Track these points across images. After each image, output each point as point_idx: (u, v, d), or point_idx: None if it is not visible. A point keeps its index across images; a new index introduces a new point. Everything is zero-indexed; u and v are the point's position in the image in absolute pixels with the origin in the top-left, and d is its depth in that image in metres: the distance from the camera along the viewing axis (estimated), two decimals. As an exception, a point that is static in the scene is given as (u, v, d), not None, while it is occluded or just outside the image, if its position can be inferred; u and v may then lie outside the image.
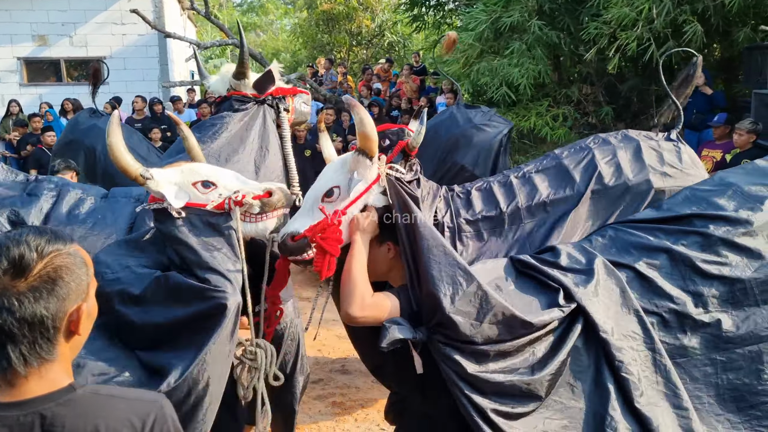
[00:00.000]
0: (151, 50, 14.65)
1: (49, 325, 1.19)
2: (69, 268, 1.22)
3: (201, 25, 25.26)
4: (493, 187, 4.03)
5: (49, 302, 1.18)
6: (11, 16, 14.17)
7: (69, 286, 1.21)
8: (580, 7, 9.07)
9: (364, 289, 2.11)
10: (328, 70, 13.97)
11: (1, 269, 1.16)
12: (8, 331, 1.16)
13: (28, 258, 1.17)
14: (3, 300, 1.15)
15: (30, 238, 1.20)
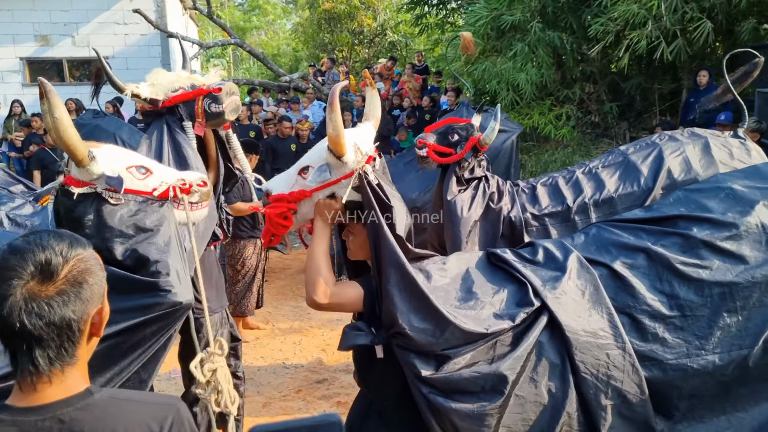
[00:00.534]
0: (153, 50, 14.63)
1: (76, 329, 1.20)
2: (92, 271, 1.24)
3: (203, 25, 25.26)
4: (559, 183, 4.11)
5: (76, 305, 1.19)
6: (13, 16, 14.17)
7: (92, 289, 1.23)
8: (583, 6, 9.06)
9: (327, 276, 2.11)
10: (330, 70, 13.96)
11: (28, 274, 1.17)
12: (37, 335, 1.16)
13: (55, 262, 1.18)
14: (33, 305, 1.15)
15: (53, 243, 1.21)
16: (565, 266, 2.23)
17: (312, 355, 5.30)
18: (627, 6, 7.71)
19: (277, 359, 5.22)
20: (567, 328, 2.07)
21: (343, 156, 2.18)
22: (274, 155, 8.66)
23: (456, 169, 3.87)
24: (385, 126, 10.22)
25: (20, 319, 1.15)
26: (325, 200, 2.23)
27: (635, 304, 2.16)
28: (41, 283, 1.17)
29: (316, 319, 6.14)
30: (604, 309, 2.14)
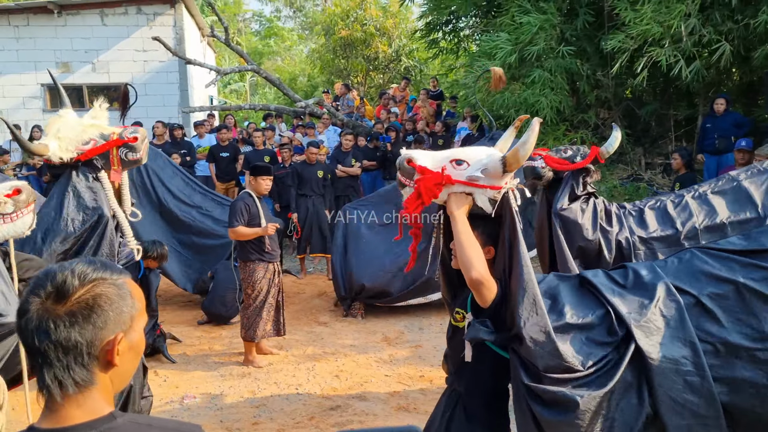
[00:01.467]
0: (171, 76, 14.87)
1: (83, 352, 1.20)
2: (109, 297, 1.23)
3: (220, 51, 25.65)
4: (668, 207, 4.13)
5: (84, 328, 1.19)
6: (36, 44, 14.50)
7: (107, 315, 1.22)
8: (599, 33, 9.09)
9: (482, 256, 2.25)
10: (344, 95, 14.09)
11: (45, 292, 1.20)
12: (44, 353, 1.19)
13: (70, 283, 1.20)
14: (42, 322, 1.18)
15: (77, 266, 1.23)
16: (653, 294, 2.29)
17: (325, 382, 5.26)
18: (646, 24, 7.72)
19: (291, 385, 5.18)
20: (649, 356, 2.16)
21: (512, 173, 2.36)
22: (300, 180, 8.66)
23: (573, 180, 4.03)
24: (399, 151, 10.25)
25: (32, 335, 1.18)
26: (462, 194, 2.36)
27: (718, 335, 2.21)
28: (54, 303, 1.19)
29: (330, 345, 6.11)
30: (687, 338, 2.21)
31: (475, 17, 11.98)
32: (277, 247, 5.91)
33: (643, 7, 7.75)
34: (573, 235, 3.94)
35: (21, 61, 14.47)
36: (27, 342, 1.20)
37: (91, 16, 14.63)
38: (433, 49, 13.24)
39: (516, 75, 9.18)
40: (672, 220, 4.02)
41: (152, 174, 7.46)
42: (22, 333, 1.20)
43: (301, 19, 32.48)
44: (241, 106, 15.08)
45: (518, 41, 8.71)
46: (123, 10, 14.71)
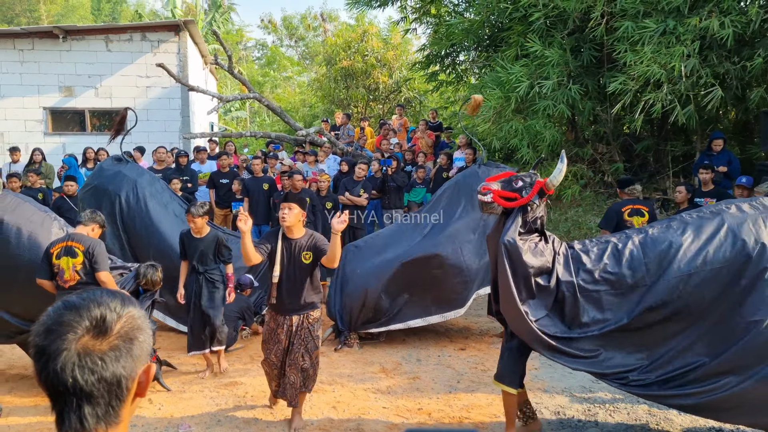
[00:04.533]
0: (173, 102, 14.99)
1: (124, 386, 1.18)
2: (142, 328, 1.24)
3: (221, 79, 25.88)
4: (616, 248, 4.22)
5: (127, 361, 1.18)
6: (40, 68, 14.63)
7: (142, 346, 1.22)
8: (602, 69, 9.22)
9: None
10: (345, 125, 14.20)
11: (83, 329, 1.16)
12: (88, 391, 1.15)
13: (110, 318, 1.18)
14: (86, 360, 1.14)
15: (107, 299, 1.21)
16: None
17: (322, 413, 5.22)
18: (648, 66, 7.82)
19: (287, 415, 5.14)
20: None
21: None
22: None
23: (522, 212, 4.14)
24: (401, 180, 10.31)
25: (73, 374, 1.13)
26: None
27: None
28: (95, 338, 1.16)
29: (327, 375, 6.06)
30: None
31: (476, 51, 12.15)
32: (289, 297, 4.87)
33: (642, 48, 7.87)
34: (517, 266, 4.07)
35: (24, 85, 14.58)
36: (64, 383, 1.13)
37: (95, 42, 14.79)
38: (433, 83, 13.40)
39: (520, 108, 9.28)
40: (619, 262, 4.12)
41: (149, 198, 7.46)
42: (58, 374, 1.13)
43: (302, 49, 32.88)
44: (242, 133, 15.19)
45: (533, 74, 8.81)
46: (128, 36, 14.89)
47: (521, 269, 4.06)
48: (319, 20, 30.75)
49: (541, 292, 4.12)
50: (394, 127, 13.71)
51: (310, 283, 4.80)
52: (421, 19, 12.79)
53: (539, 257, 4.10)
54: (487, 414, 5.15)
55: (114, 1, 42.01)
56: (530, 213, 4.13)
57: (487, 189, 4.14)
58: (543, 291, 4.12)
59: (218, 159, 10.55)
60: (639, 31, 8.00)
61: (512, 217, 4.13)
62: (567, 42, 9.03)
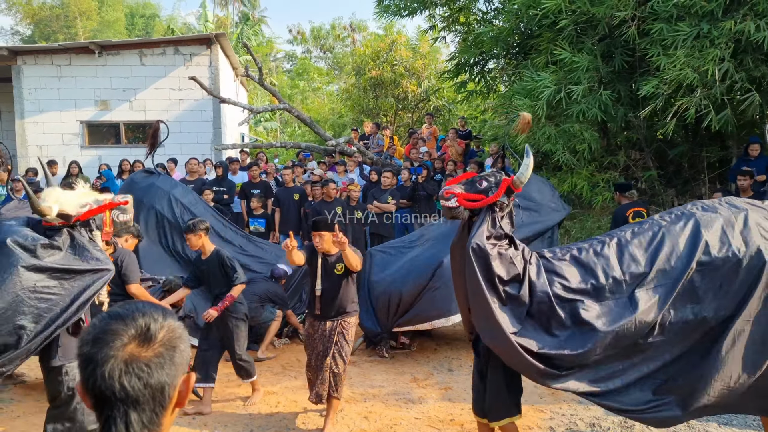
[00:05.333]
0: (205, 114, 15.22)
1: (167, 394, 1.22)
2: (183, 338, 1.28)
3: (252, 90, 26.21)
4: (589, 255, 3.90)
5: (171, 369, 1.22)
6: (77, 83, 14.99)
7: (183, 355, 1.26)
8: (635, 74, 9.10)
9: None
10: (375, 134, 14.25)
11: (128, 336, 1.20)
12: (135, 398, 1.18)
13: (154, 327, 1.23)
14: (133, 366, 1.18)
15: (150, 310, 1.26)
16: None
17: (354, 423, 5.22)
18: (681, 69, 7.69)
19: (319, 426, 5.14)
20: None
21: None
22: None
23: (491, 213, 3.80)
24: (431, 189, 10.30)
25: (120, 381, 1.17)
26: None
27: None
28: (141, 346, 1.20)
29: (358, 386, 6.06)
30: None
31: (505, 58, 12.10)
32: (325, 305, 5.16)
33: (676, 52, 7.74)
34: (489, 270, 3.71)
35: (62, 99, 14.95)
36: (111, 390, 1.17)
37: (130, 56, 15.11)
38: (463, 93, 13.36)
39: (551, 114, 9.19)
40: (593, 269, 3.81)
41: (184, 209, 7.58)
42: (105, 380, 1.17)
43: (330, 60, 33.14)
44: (273, 143, 15.35)
45: (562, 80, 8.72)
46: (161, 50, 15.18)
47: (490, 276, 3.69)
48: (348, 31, 30.99)
49: (512, 301, 3.72)
50: (424, 136, 13.71)
51: (346, 291, 5.09)
52: (449, 27, 12.79)
53: (508, 264, 3.74)
54: (520, 425, 5.09)
55: (147, 17, 42.93)
56: (499, 213, 3.80)
57: (450, 193, 3.82)
58: (514, 301, 3.72)
59: (249, 170, 10.66)
60: (672, 35, 7.88)
61: (479, 219, 3.79)
62: (598, 48, 8.94)
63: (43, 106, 14.90)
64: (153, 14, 43.37)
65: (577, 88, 8.53)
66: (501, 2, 11.96)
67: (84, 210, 3.85)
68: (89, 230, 3.88)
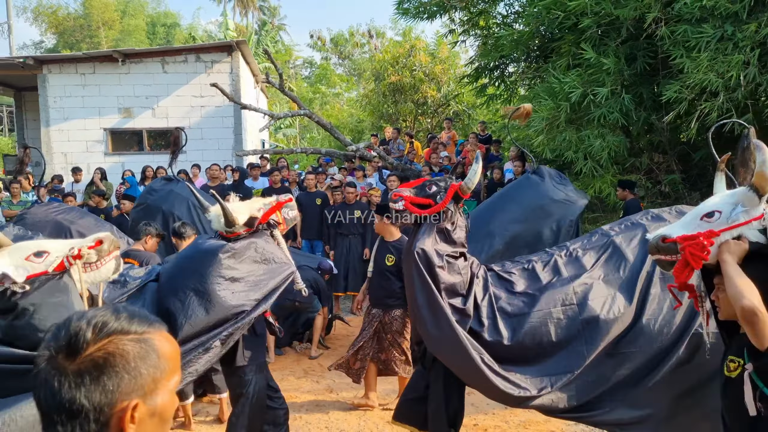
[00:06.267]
0: (226, 121, 15.35)
1: (91, 418, 1.02)
2: (124, 356, 1.05)
3: (271, 97, 26.39)
4: (536, 267, 3.79)
5: (92, 391, 1.02)
6: (100, 91, 15.21)
7: (120, 377, 1.04)
8: (658, 76, 9.00)
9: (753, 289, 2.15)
10: (395, 139, 14.26)
11: (58, 346, 1.05)
12: (49, 415, 1.04)
13: (82, 337, 1.04)
14: (47, 379, 1.03)
15: (97, 315, 1.07)
16: None
17: (377, 426, 5.21)
18: (704, 74, 7.59)
19: (343, 430, 5.14)
20: None
21: (765, 195, 2.35)
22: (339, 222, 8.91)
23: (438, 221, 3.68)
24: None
25: (38, 392, 1.04)
26: (733, 241, 2.36)
27: None
28: (65, 358, 1.04)
29: (380, 389, 6.05)
30: None
31: (525, 62, 12.06)
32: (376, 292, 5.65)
33: (699, 55, 7.64)
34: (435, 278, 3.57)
35: (86, 107, 15.18)
36: (37, 400, 1.05)
37: (153, 64, 15.30)
38: (483, 98, 13.33)
39: (572, 118, 9.12)
40: (541, 282, 3.69)
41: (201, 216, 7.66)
42: (35, 389, 1.05)
43: (349, 66, 33.30)
44: (293, 149, 15.45)
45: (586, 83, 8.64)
46: (183, 58, 15.36)
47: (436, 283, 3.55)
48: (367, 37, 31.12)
49: (456, 314, 3.57)
50: (443, 141, 13.70)
51: (390, 285, 5.43)
52: (469, 31, 12.78)
53: (455, 275, 3.62)
54: (545, 431, 5.04)
55: (168, 25, 43.51)
56: (445, 221, 3.67)
57: (398, 195, 3.74)
58: (458, 313, 3.57)
59: (270, 175, 10.72)
60: (695, 36, 7.78)
61: (425, 225, 3.69)
62: (621, 50, 8.86)
63: (67, 113, 15.14)
64: (174, 23, 43.95)
65: (601, 91, 8.46)
66: (521, 5, 11.92)
67: (261, 214, 3.94)
68: (270, 232, 3.95)
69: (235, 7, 40.47)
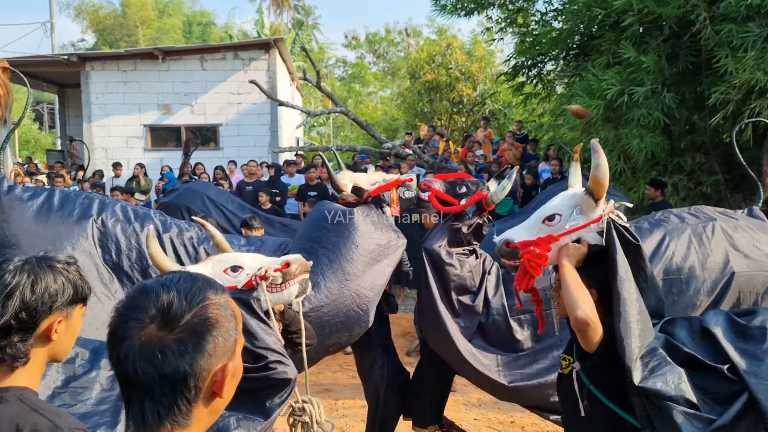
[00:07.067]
0: (263, 118, 15.51)
1: (192, 385, 1.06)
2: (218, 320, 1.09)
3: (306, 95, 26.58)
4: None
5: (194, 358, 1.05)
6: (141, 88, 15.50)
7: (216, 341, 1.08)
8: (701, 76, 8.82)
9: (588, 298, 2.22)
10: (431, 138, 14.23)
11: (148, 316, 1.06)
12: (148, 386, 1.04)
13: (177, 307, 1.07)
14: (146, 351, 1.04)
15: (181, 284, 1.10)
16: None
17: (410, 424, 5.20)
18: (751, 73, 7.40)
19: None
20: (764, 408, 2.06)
21: (601, 198, 2.40)
22: None
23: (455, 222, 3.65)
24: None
25: (134, 365, 1.04)
26: (572, 244, 2.41)
27: None
28: (160, 329, 1.05)
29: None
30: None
31: (564, 60, 11.92)
32: None
33: (745, 55, 7.46)
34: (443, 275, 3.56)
35: (127, 104, 15.48)
36: (126, 373, 1.05)
37: (192, 61, 15.54)
38: (520, 97, 13.21)
39: (611, 117, 8.98)
40: None
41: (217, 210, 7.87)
42: (121, 363, 1.06)
43: (383, 65, 33.34)
44: (329, 146, 15.52)
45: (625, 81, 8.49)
46: (221, 55, 15.56)
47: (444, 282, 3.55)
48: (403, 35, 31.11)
49: (466, 311, 3.56)
50: (479, 139, 13.63)
51: None
52: (506, 29, 12.67)
53: (465, 272, 3.60)
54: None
55: (204, 24, 44.12)
56: (461, 225, 3.63)
57: (427, 185, 3.78)
58: (467, 311, 3.56)
59: (306, 172, 10.81)
60: (740, 36, 7.60)
61: (442, 225, 3.67)
62: (663, 48, 8.69)
63: (109, 110, 15.46)
64: (209, 22, 44.55)
65: (639, 90, 8.31)
66: (561, 3, 11.78)
67: (374, 187, 3.93)
68: (380, 207, 3.90)
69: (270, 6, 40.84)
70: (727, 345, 2.19)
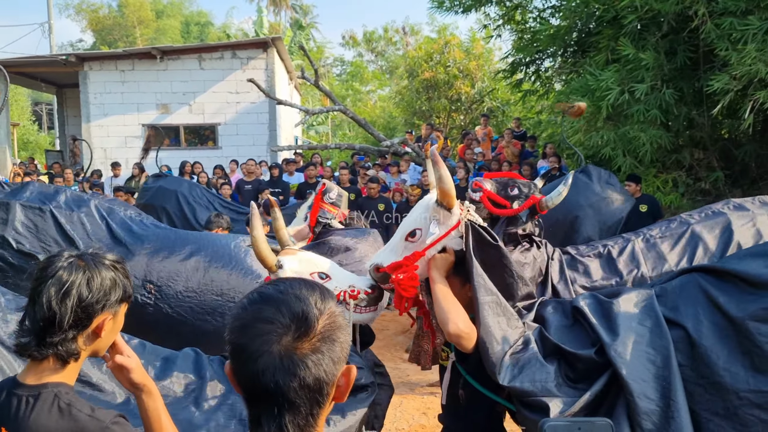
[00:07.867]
0: (261, 117, 15.51)
1: (326, 392, 1.06)
2: (342, 327, 1.10)
3: (304, 94, 26.56)
4: (613, 253, 3.65)
5: (328, 365, 1.06)
6: (139, 87, 15.50)
7: (343, 347, 1.09)
8: (699, 71, 8.82)
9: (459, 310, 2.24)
10: (429, 136, 14.23)
11: (284, 327, 1.04)
12: (290, 399, 1.03)
13: (312, 316, 1.06)
14: (287, 363, 1.02)
15: (307, 293, 1.09)
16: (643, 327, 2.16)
17: (413, 419, 5.22)
18: (752, 64, 7.40)
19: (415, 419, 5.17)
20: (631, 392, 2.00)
21: (453, 207, 2.37)
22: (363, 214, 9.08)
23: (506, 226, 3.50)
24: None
25: (275, 379, 1.02)
26: (439, 255, 2.40)
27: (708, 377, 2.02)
28: (298, 339, 1.04)
29: (417, 382, 6.07)
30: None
31: (562, 57, 11.92)
32: None
33: (746, 47, 7.46)
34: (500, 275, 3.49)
35: (125, 103, 15.48)
36: (265, 388, 1.03)
37: (190, 61, 15.53)
38: (518, 93, 13.21)
39: (610, 115, 8.98)
40: (617, 268, 3.56)
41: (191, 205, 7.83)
42: (259, 378, 1.03)
43: (381, 64, 33.31)
44: (327, 145, 15.52)
45: (624, 79, 8.49)
46: (219, 54, 15.56)
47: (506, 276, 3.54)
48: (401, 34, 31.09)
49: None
50: (478, 137, 13.63)
51: None
52: (504, 26, 12.67)
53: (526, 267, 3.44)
54: None
55: (202, 24, 44.08)
56: (515, 229, 3.49)
57: (478, 186, 3.55)
58: None
59: (305, 170, 10.81)
60: (741, 29, 7.61)
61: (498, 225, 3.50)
62: (661, 45, 8.69)
63: (107, 110, 15.46)
64: (207, 22, 44.51)
65: (640, 87, 8.31)
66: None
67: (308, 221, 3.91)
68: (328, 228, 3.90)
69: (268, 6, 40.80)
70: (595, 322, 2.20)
